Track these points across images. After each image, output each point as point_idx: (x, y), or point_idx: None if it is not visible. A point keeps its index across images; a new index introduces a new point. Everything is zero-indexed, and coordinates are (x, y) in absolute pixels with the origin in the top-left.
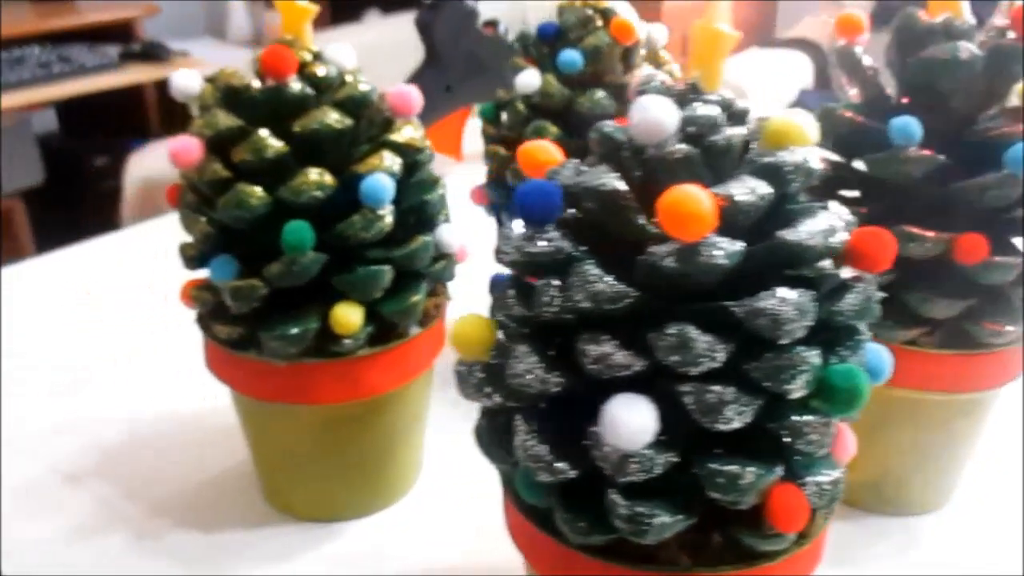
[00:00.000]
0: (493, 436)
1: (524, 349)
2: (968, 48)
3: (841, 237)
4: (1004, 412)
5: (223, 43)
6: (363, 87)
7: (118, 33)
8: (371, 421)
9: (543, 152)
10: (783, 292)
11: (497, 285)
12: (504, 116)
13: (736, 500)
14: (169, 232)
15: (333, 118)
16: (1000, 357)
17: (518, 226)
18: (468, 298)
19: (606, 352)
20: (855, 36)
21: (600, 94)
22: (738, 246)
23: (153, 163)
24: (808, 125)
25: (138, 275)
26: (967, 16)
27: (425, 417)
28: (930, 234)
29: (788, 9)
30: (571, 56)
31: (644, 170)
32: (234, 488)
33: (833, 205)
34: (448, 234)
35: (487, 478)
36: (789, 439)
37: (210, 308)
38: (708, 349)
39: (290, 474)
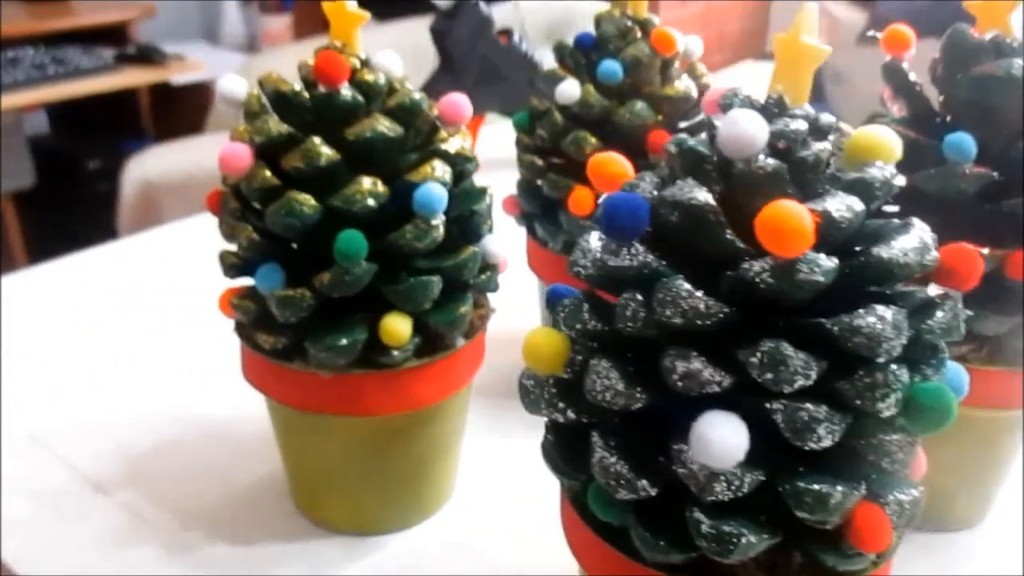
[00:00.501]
0: (563, 452)
1: (605, 364)
2: (1020, 65)
3: (934, 255)
4: None
5: (217, 47)
6: (414, 95)
7: (113, 35)
8: (414, 433)
9: (613, 164)
10: (881, 310)
11: (557, 297)
12: (539, 126)
13: (823, 520)
14: (186, 236)
15: (385, 126)
16: None
17: (594, 239)
18: (505, 307)
19: (695, 369)
20: (902, 51)
21: (640, 105)
22: (833, 263)
23: (152, 166)
24: (894, 140)
25: (155, 280)
26: (1016, 33)
27: (464, 429)
28: (984, 251)
29: (780, 17)
30: (611, 67)
31: (729, 184)
32: (265, 498)
33: (917, 222)
34: (494, 244)
35: (521, 489)
36: (874, 457)
37: (253, 317)
38: (803, 367)
39: (328, 485)
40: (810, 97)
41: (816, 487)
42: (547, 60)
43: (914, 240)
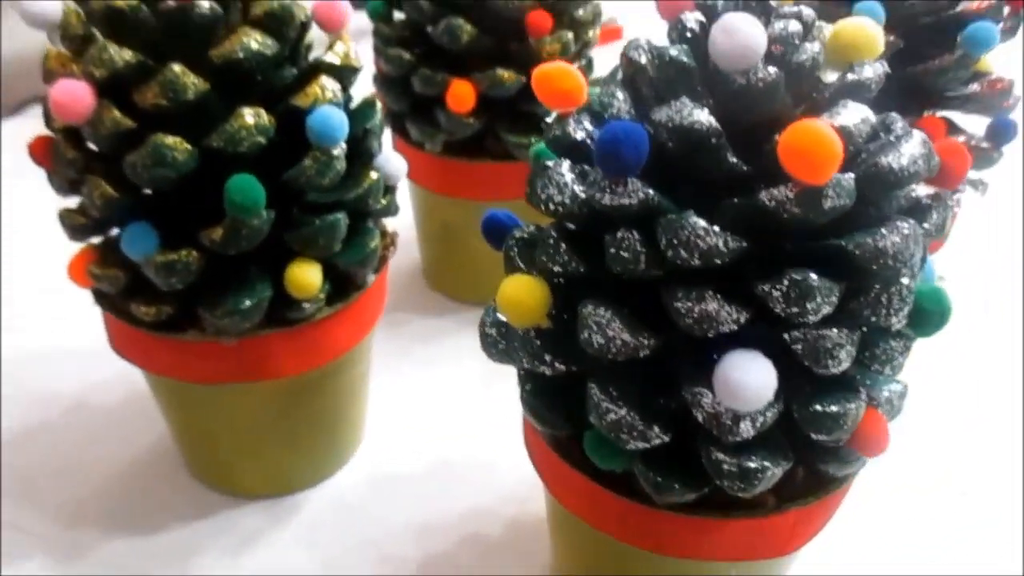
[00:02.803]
0: (548, 402)
1: (603, 312)
2: None
3: (937, 160)
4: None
5: None
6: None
7: None
8: (326, 384)
9: (566, 78)
10: (903, 227)
11: (499, 227)
12: (401, 12)
13: (839, 438)
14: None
15: (257, 40)
16: None
17: (565, 170)
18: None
19: (711, 309)
20: None
21: None
22: (852, 181)
23: None
24: (877, 34)
25: None
26: None
27: (370, 366)
28: None
29: None
30: None
31: (720, 99)
32: (157, 474)
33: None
34: (391, 164)
35: (431, 417)
36: (878, 367)
37: (122, 286)
38: (827, 295)
39: (236, 453)
40: None
41: (832, 408)
42: None
43: (918, 145)
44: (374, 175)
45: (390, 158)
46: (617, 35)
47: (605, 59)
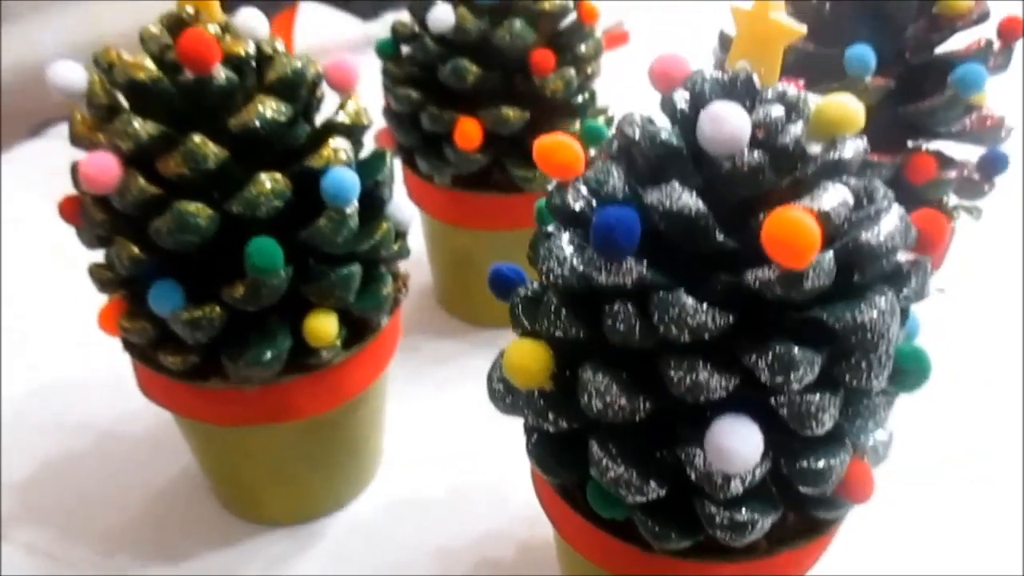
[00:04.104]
0: (553, 454)
1: (601, 378)
2: None
3: (915, 233)
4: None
5: None
6: (295, 63)
7: None
8: (345, 419)
9: (566, 151)
10: (880, 302)
11: (506, 282)
12: (408, 52)
13: (825, 489)
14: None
15: (272, 108)
16: None
17: (565, 243)
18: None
19: (702, 378)
20: None
21: (518, 24)
22: (832, 262)
23: None
24: (859, 110)
25: None
26: None
27: (387, 397)
28: (886, 159)
29: None
30: None
31: (709, 179)
32: (187, 502)
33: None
34: (401, 211)
35: (447, 442)
36: (861, 421)
37: (151, 338)
38: (810, 364)
39: (260, 487)
40: None
41: (818, 464)
42: None
43: (895, 220)
44: (386, 226)
45: (400, 205)
46: (624, 40)
47: (612, 63)
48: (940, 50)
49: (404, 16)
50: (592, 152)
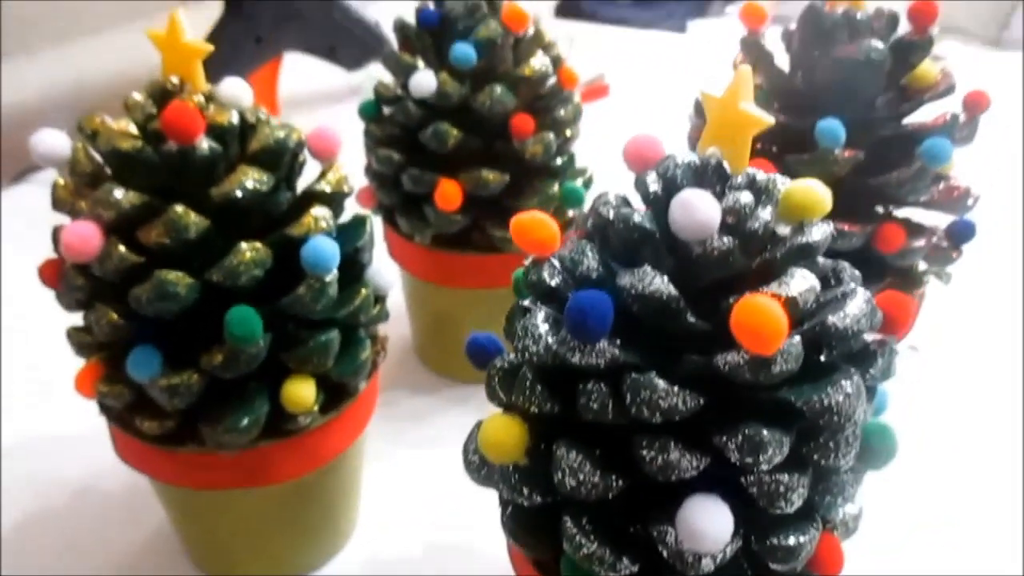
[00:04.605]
0: (527, 527)
1: (574, 456)
2: (878, 48)
3: (880, 316)
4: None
5: None
6: (278, 132)
7: None
8: (322, 481)
9: (541, 228)
10: (847, 385)
11: (482, 352)
12: (390, 114)
13: (796, 566)
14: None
15: (254, 179)
16: None
17: (540, 321)
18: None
19: (673, 458)
20: (759, 25)
21: (499, 89)
22: (800, 347)
23: None
24: (826, 195)
25: None
26: (867, 7)
27: (364, 458)
28: (856, 228)
29: None
30: (465, 51)
31: (680, 261)
32: (159, 564)
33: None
34: (381, 275)
35: (422, 502)
36: (830, 498)
37: (127, 402)
38: (779, 445)
39: (233, 548)
40: None
41: (787, 541)
42: None
43: (861, 304)
44: (365, 292)
45: (380, 270)
46: (603, 93)
47: (593, 113)
48: (908, 120)
49: (387, 76)
50: (571, 213)
